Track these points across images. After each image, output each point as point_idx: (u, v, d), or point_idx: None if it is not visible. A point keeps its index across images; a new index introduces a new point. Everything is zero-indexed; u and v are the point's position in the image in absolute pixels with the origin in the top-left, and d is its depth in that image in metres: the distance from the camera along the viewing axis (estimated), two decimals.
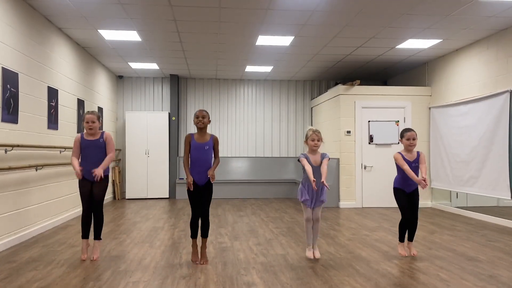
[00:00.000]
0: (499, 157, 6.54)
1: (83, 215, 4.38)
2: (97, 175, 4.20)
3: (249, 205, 8.89)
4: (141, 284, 3.61)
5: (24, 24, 5.40)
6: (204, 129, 4.26)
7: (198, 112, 4.24)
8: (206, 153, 4.23)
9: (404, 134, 4.55)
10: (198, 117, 4.22)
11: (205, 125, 4.23)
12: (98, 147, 4.37)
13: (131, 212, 7.93)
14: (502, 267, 4.15)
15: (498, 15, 5.91)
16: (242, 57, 8.38)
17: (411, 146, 4.48)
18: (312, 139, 4.31)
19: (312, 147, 4.32)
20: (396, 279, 3.75)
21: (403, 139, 4.54)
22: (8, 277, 3.77)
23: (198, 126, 4.22)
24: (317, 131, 4.33)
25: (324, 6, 5.57)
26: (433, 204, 8.63)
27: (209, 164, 4.25)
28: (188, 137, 4.25)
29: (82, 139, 4.38)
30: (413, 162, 4.48)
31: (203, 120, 4.21)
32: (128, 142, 9.98)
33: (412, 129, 4.58)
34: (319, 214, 4.38)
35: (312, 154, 4.35)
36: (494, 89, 6.77)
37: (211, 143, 4.26)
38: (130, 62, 8.87)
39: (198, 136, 4.24)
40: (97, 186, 4.36)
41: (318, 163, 4.31)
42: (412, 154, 4.52)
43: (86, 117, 4.37)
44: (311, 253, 4.39)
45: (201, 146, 4.21)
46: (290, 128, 10.93)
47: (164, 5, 5.52)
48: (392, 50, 7.82)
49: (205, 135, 4.27)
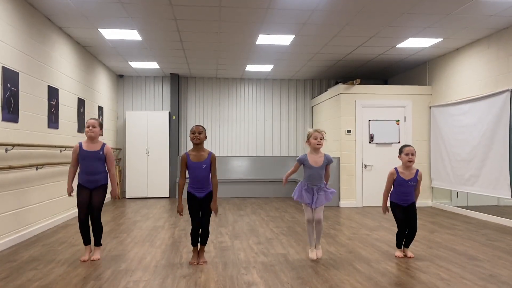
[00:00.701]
0: (500, 156, 6.54)
1: (80, 224, 4.32)
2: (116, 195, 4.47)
3: (250, 204, 8.89)
4: (141, 283, 3.61)
5: (24, 23, 5.39)
6: (201, 145, 4.15)
7: (194, 128, 4.14)
8: (204, 171, 4.13)
9: (402, 149, 4.47)
10: (194, 132, 4.12)
11: (201, 141, 4.12)
12: (98, 159, 4.33)
13: (131, 211, 7.94)
14: (503, 266, 4.15)
15: (498, 14, 5.91)
16: (243, 56, 8.37)
17: (410, 162, 4.40)
18: (314, 137, 4.25)
19: (315, 145, 4.25)
20: (397, 278, 3.75)
21: (401, 154, 4.46)
22: (8, 276, 3.78)
23: (194, 142, 4.13)
24: (320, 129, 4.30)
25: (324, 5, 5.57)
26: (434, 203, 8.63)
27: (208, 180, 4.17)
28: (183, 158, 4.14)
29: (81, 149, 4.31)
30: (409, 180, 4.41)
31: (199, 136, 4.11)
32: (129, 141, 9.98)
33: (410, 145, 4.54)
34: (320, 215, 4.30)
35: (314, 154, 4.30)
36: (495, 88, 6.76)
37: (209, 162, 4.14)
38: (130, 61, 8.87)
39: (195, 154, 4.14)
40: (96, 194, 4.34)
41: (319, 164, 4.26)
42: (410, 172, 4.44)
43: (88, 122, 4.35)
44: (313, 254, 4.35)
45: (198, 165, 4.11)
46: (290, 127, 10.93)
47: (165, 4, 5.52)
48: (393, 49, 7.81)
49: (202, 151, 4.15)
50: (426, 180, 8.58)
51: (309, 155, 4.31)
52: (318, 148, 4.27)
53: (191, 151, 4.20)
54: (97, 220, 4.36)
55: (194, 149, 4.18)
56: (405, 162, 4.43)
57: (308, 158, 4.28)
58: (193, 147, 4.21)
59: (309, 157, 4.29)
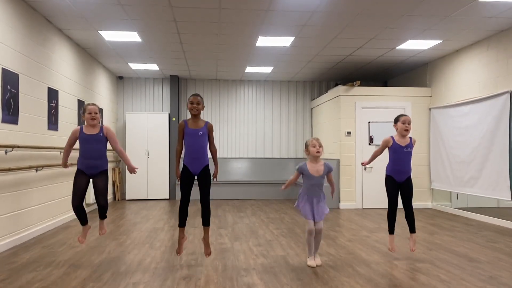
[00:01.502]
0: (499, 158, 6.54)
1: (74, 209, 4.23)
2: (135, 171, 4.34)
3: (249, 206, 8.89)
4: (141, 285, 3.61)
5: (24, 25, 5.40)
6: (198, 116, 4.14)
7: (192, 98, 4.10)
8: (200, 139, 4.08)
9: (399, 118, 4.47)
10: (192, 103, 4.08)
11: (199, 111, 4.11)
12: (98, 142, 4.23)
13: (131, 213, 7.93)
14: (503, 268, 4.14)
15: (498, 16, 5.91)
16: (242, 58, 8.38)
17: (406, 130, 4.41)
18: (313, 145, 4.17)
19: (314, 153, 4.16)
20: (396, 280, 3.75)
21: (398, 123, 4.46)
22: (8, 278, 3.77)
23: (192, 113, 4.10)
24: (317, 138, 4.25)
25: (324, 7, 5.57)
26: (433, 205, 8.63)
27: (204, 151, 4.11)
28: (181, 124, 4.11)
29: (81, 132, 4.22)
30: (405, 147, 4.42)
31: (198, 107, 4.08)
32: (128, 143, 9.98)
33: (407, 114, 4.55)
34: (321, 224, 4.23)
35: (314, 163, 4.21)
36: (494, 90, 6.77)
37: (205, 130, 4.12)
38: (130, 63, 8.87)
39: (192, 122, 4.11)
40: (99, 179, 4.25)
41: (320, 173, 4.18)
42: (404, 139, 4.45)
43: (88, 108, 4.22)
44: (313, 262, 4.24)
45: (195, 132, 4.08)
46: (290, 129, 10.93)
47: (165, 6, 5.52)
48: (392, 51, 7.82)
49: (199, 121, 4.14)
50: (426, 182, 8.58)
51: (308, 164, 4.22)
52: (317, 156, 4.19)
53: (189, 119, 4.16)
54: (104, 204, 4.31)
55: (191, 119, 4.15)
56: (401, 131, 4.43)
57: (308, 168, 4.18)
58: (191, 117, 4.17)
59: (309, 166, 4.20)
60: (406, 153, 4.41)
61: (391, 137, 4.50)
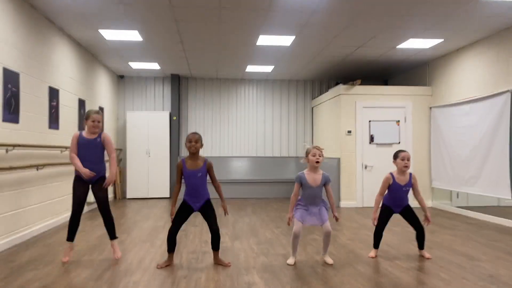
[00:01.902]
0: (500, 157, 6.54)
1: (72, 218, 4.27)
2: (107, 184, 4.33)
3: (250, 205, 8.89)
4: (141, 283, 3.61)
5: (25, 24, 5.40)
6: (197, 154, 4.11)
7: (190, 136, 4.09)
8: (199, 180, 4.08)
9: (398, 154, 4.47)
10: (190, 141, 4.06)
11: (198, 150, 4.08)
12: (95, 147, 4.28)
13: (131, 211, 7.94)
14: (503, 266, 4.14)
15: (499, 15, 5.91)
16: (243, 57, 8.38)
17: (406, 167, 4.41)
18: (313, 154, 4.11)
19: (313, 163, 4.10)
20: (397, 279, 3.75)
21: (397, 159, 4.46)
22: (8, 277, 3.78)
23: (190, 151, 4.08)
24: (319, 146, 4.17)
25: (324, 6, 5.57)
26: (434, 203, 8.62)
27: (204, 189, 4.12)
28: (179, 164, 4.11)
29: (80, 137, 4.27)
30: (404, 186, 4.43)
31: (196, 145, 4.06)
32: (129, 141, 9.99)
33: (405, 150, 4.54)
34: (329, 227, 4.14)
35: (312, 173, 4.15)
36: (495, 89, 6.76)
37: (204, 170, 4.10)
38: (131, 62, 8.88)
39: (191, 162, 4.09)
40: (97, 187, 4.31)
41: (318, 183, 4.12)
42: (404, 177, 4.46)
43: (92, 116, 4.26)
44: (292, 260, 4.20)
45: (194, 173, 4.07)
46: (290, 128, 10.93)
47: (165, 5, 5.52)
48: (393, 50, 7.81)
49: (198, 160, 4.11)
50: (427, 181, 8.58)
51: (307, 173, 4.16)
52: (317, 166, 4.13)
53: (187, 158, 4.15)
54: (107, 214, 4.32)
55: (190, 157, 4.13)
56: (401, 168, 4.44)
57: (306, 177, 4.13)
58: (189, 155, 4.15)
59: (307, 175, 4.14)
60: (404, 192, 4.47)
61: (391, 174, 4.50)
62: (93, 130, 4.28)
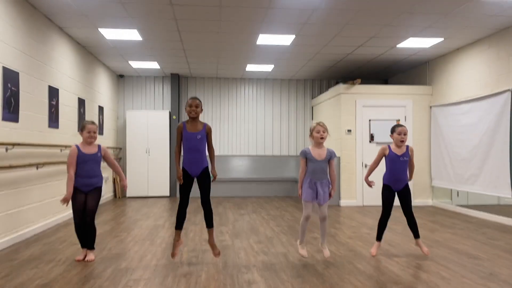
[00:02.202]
0: (500, 156, 6.54)
1: (77, 228, 4.32)
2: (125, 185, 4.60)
3: (250, 203, 8.90)
4: (142, 282, 3.61)
5: (24, 23, 5.40)
6: (197, 119, 4.14)
7: (190, 101, 4.10)
8: (198, 143, 4.09)
9: (395, 129, 4.49)
10: (191, 106, 4.08)
11: (198, 114, 4.11)
12: (96, 162, 4.35)
13: (132, 210, 7.94)
14: (503, 265, 4.15)
15: (499, 14, 5.90)
16: (243, 56, 8.38)
17: (402, 141, 4.44)
18: (317, 130, 4.15)
19: (318, 139, 4.15)
20: (397, 277, 3.75)
21: (394, 134, 4.49)
22: (9, 275, 3.78)
23: (190, 116, 4.10)
24: (322, 122, 4.21)
25: (325, 5, 5.57)
26: (434, 202, 8.63)
27: (203, 154, 4.13)
28: (180, 127, 4.12)
29: (79, 152, 4.29)
30: (401, 156, 4.45)
31: (196, 110, 4.09)
32: (129, 140, 9.99)
33: (403, 125, 4.56)
34: (325, 211, 4.20)
35: (317, 148, 4.20)
36: (495, 88, 6.76)
37: (204, 133, 4.12)
38: (130, 61, 8.88)
39: (190, 126, 4.11)
40: (91, 197, 4.32)
41: (322, 157, 4.16)
42: (401, 149, 4.48)
43: (88, 127, 4.32)
44: (304, 252, 4.25)
45: (193, 135, 4.08)
46: (290, 127, 10.93)
47: (165, 4, 5.52)
48: (393, 49, 7.81)
49: (198, 124, 4.13)
50: (427, 179, 8.58)
51: (312, 148, 4.21)
52: (321, 142, 4.18)
53: (187, 122, 4.15)
54: (91, 224, 4.33)
55: (190, 122, 4.14)
56: (397, 141, 4.46)
57: (311, 151, 4.18)
58: (189, 119, 4.16)
59: (312, 151, 4.19)
60: (402, 162, 4.45)
61: (388, 146, 4.52)
62: (89, 140, 4.33)
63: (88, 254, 4.34)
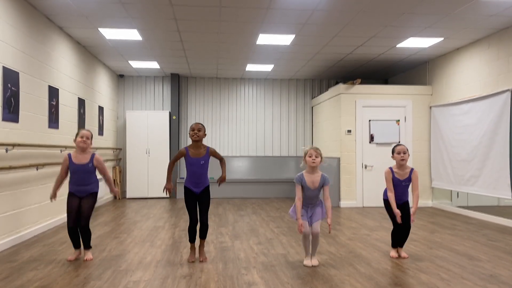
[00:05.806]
0: (500, 157, 6.54)
1: (70, 231, 4.32)
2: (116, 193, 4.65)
3: (250, 205, 8.89)
4: (141, 283, 3.61)
5: (24, 23, 5.39)
6: (199, 142, 4.28)
7: (194, 125, 4.27)
8: (201, 168, 4.27)
9: (394, 149, 4.46)
10: (194, 129, 4.24)
11: (200, 138, 4.25)
12: (87, 172, 4.35)
13: (131, 211, 7.94)
14: (503, 266, 4.15)
15: (499, 14, 5.90)
16: (243, 56, 8.37)
17: (403, 160, 4.39)
18: (309, 155, 4.09)
19: (310, 163, 4.08)
20: (397, 279, 3.75)
21: (394, 154, 4.45)
22: (8, 277, 3.78)
23: (193, 139, 4.25)
24: (316, 148, 4.15)
25: (324, 5, 5.56)
26: (434, 203, 8.62)
27: (205, 176, 4.32)
28: (182, 152, 4.29)
29: (70, 162, 4.31)
30: (403, 181, 4.41)
31: (199, 134, 4.24)
32: (129, 141, 9.98)
33: (402, 144, 4.54)
34: (318, 228, 4.13)
35: (311, 174, 4.11)
36: (495, 88, 6.76)
37: (207, 157, 4.30)
38: (130, 61, 8.87)
39: (193, 151, 4.26)
40: (86, 202, 4.33)
41: (316, 185, 4.09)
42: (404, 172, 4.43)
43: (81, 132, 4.33)
44: (309, 262, 4.20)
45: (197, 161, 4.25)
46: (290, 127, 10.93)
47: (165, 4, 5.51)
48: (393, 49, 7.81)
49: (200, 148, 4.28)
50: (427, 180, 8.58)
51: (305, 174, 4.14)
52: (313, 167, 4.10)
53: (190, 147, 4.31)
54: (85, 228, 4.33)
55: (193, 146, 4.30)
56: (398, 161, 4.43)
57: (305, 179, 4.11)
58: (192, 143, 4.32)
59: (306, 177, 4.11)
60: (404, 187, 4.45)
61: (390, 169, 4.48)
62: (81, 145, 4.31)
63: (86, 253, 4.37)
